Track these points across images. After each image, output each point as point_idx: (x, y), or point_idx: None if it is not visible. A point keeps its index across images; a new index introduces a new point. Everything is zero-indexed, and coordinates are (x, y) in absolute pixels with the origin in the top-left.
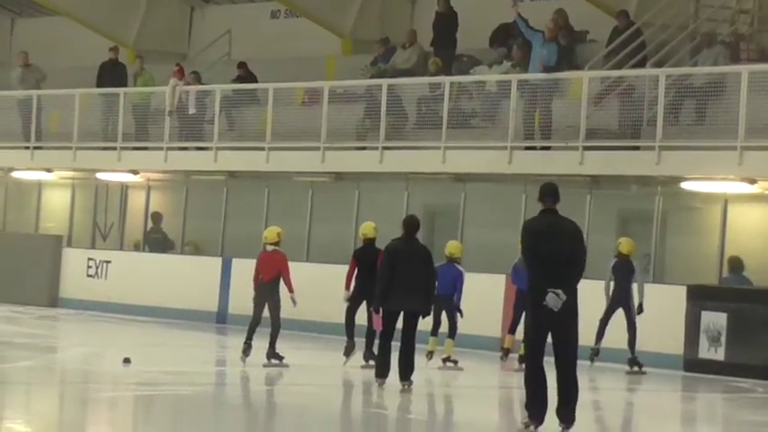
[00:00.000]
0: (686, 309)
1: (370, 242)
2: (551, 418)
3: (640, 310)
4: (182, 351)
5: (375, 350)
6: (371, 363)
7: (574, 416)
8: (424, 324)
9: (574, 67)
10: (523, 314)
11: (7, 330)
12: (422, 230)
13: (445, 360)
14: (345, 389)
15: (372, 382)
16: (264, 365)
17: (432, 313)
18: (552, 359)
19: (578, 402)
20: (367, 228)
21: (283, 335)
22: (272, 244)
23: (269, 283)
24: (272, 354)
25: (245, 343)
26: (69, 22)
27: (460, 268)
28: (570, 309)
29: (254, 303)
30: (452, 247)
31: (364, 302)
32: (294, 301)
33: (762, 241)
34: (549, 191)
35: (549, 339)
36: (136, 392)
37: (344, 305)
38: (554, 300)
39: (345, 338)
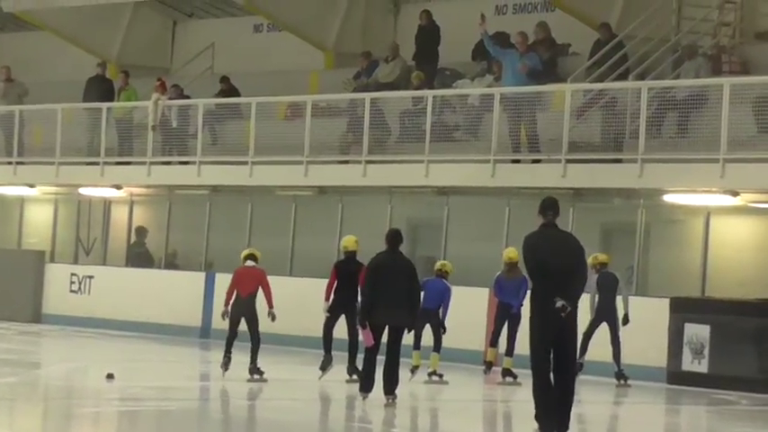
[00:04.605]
0: (669, 321)
1: (351, 255)
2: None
3: (626, 320)
4: (165, 366)
5: (358, 364)
6: (355, 377)
7: (567, 424)
8: (407, 338)
9: (556, 79)
10: (505, 326)
11: None
12: (405, 244)
13: (431, 374)
14: (329, 403)
15: (356, 397)
16: (248, 380)
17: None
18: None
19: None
20: (348, 241)
21: (266, 349)
22: (251, 259)
23: (246, 299)
24: (254, 369)
25: (224, 356)
26: (52, 37)
27: (448, 284)
28: (573, 320)
29: (229, 319)
30: (443, 262)
31: (343, 316)
32: (274, 316)
33: (745, 254)
34: (549, 204)
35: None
36: (119, 408)
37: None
38: (562, 305)
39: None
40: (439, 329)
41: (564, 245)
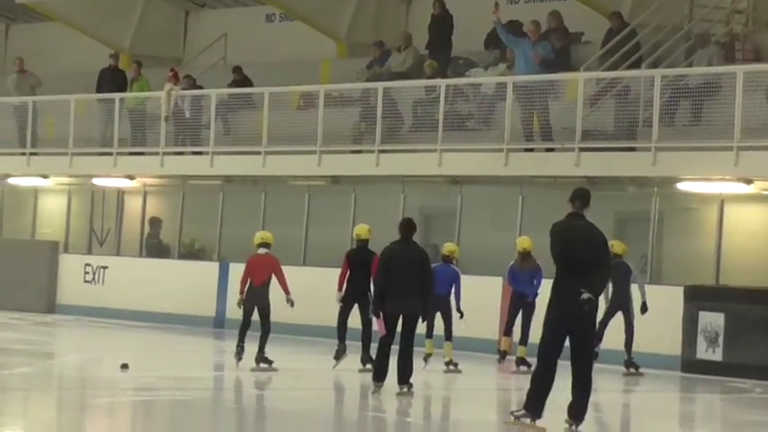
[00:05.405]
0: (683, 309)
1: (363, 244)
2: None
3: (644, 309)
4: (179, 356)
5: (371, 353)
6: (369, 366)
7: (584, 415)
8: (420, 326)
9: (569, 68)
10: (519, 315)
11: (5, 337)
12: (418, 233)
13: (448, 363)
14: (343, 393)
15: (370, 386)
16: (253, 369)
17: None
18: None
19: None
20: (361, 230)
21: (280, 339)
22: (264, 246)
23: (259, 287)
24: (261, 358)
25: (237, 346)
26: (64, 27)
27: (456, 269)
28: (593, 313)
29: (243, 308)
30: (450, 247)
31: (356, 305)
32: (292, 303)
33: (758, 241)
34: (579, 194)
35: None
36: (134, 398)
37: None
38: (588, 297)
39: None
40: (450, 317)
41: (589, 236)
